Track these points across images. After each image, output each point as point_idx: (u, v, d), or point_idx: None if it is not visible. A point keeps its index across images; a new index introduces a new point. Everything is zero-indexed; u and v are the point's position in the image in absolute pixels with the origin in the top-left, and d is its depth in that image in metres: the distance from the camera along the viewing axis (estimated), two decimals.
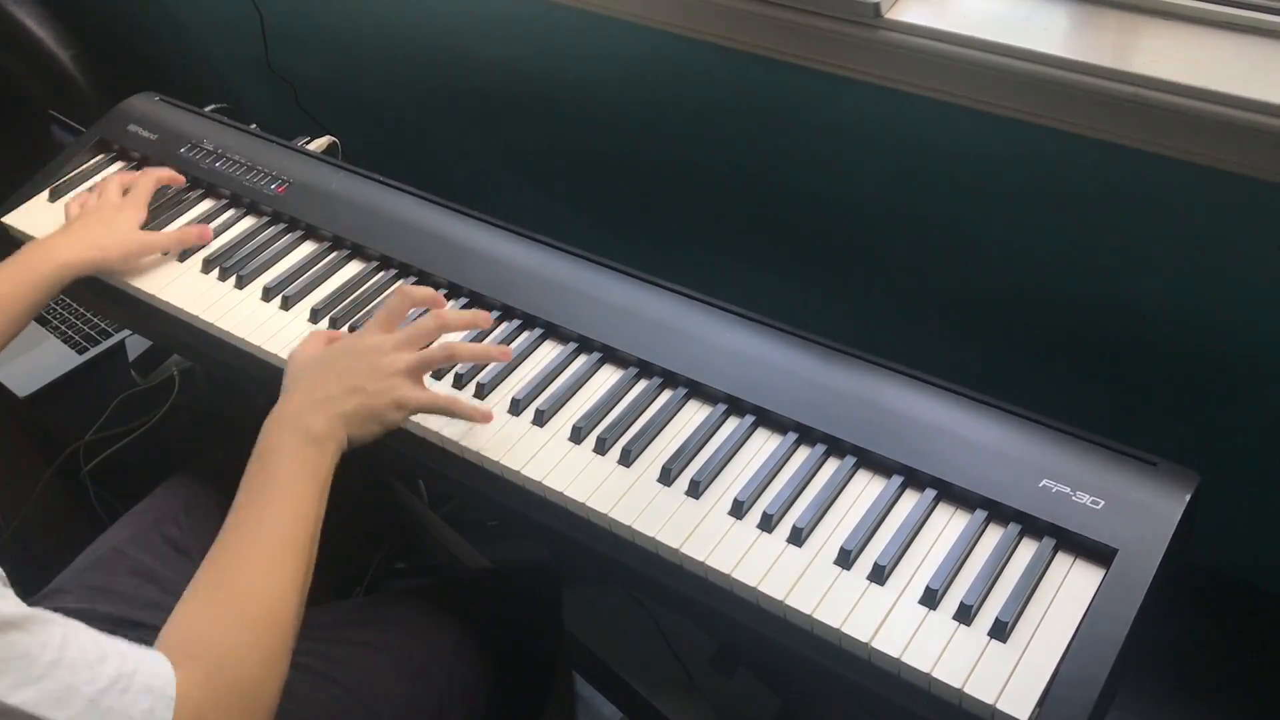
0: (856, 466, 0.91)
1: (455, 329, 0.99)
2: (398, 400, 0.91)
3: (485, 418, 0.95)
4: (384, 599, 1.17)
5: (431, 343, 0.97)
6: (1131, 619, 0.77)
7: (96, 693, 0.64)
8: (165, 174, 1.26)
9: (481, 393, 1.01)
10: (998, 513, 0.86)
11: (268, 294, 1.14)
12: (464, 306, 1.09)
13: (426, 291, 1.01)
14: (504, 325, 1.08)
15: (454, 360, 0.98)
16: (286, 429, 0.87)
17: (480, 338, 1.05)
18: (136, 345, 1.61)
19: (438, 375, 1.03)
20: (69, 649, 0.65)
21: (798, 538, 0.86)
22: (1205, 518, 0.86)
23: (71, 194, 1.30)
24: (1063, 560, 0.83)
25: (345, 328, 1.10)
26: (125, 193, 1.22)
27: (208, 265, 1.19)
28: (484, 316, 1.00)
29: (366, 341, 0.94)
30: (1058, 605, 0.80)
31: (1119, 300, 1.16)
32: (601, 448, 0.95)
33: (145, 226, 1.20)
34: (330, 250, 1.19)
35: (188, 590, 0.77)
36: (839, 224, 1.34)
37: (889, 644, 0.79)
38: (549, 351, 1.05)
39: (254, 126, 1.37)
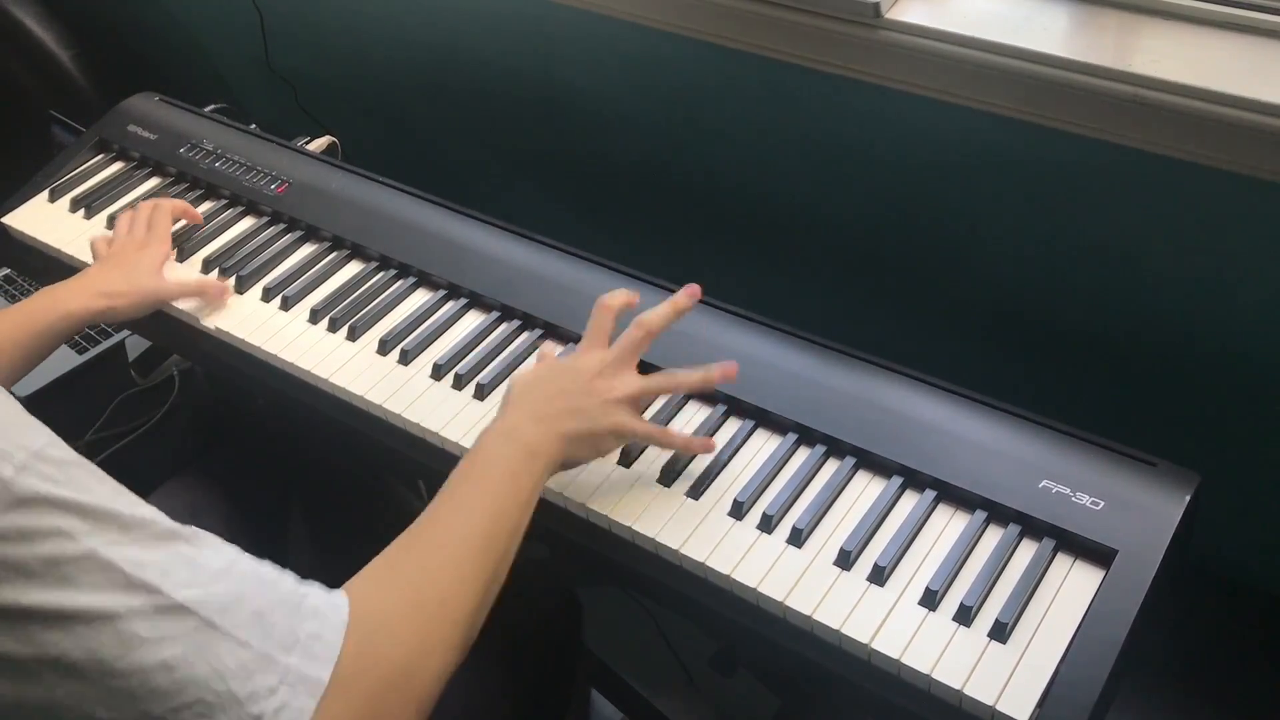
0: (856, 467, 0.91)
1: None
2: (615, 427, 0.89)
3: (706, 448, 0.92)
4: None
5: (645, 350, 0.94)
6: (1131, 619, 0.77)
7: (264, 606, 0.63)
8: (181, 206, 1.23)
9: (481, 393, 1.01)
10: (998, 513, 0.86)
11: (268, 294, 1.14)
12: (464, 307, 1.09)
13: (620, 295, 0.97)
14: (504, 325, 1.08)
15: (677, 391, 0.97)
16: (502, 439, 0.86)
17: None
18: (136, 345, 1.61)
19: (438, 375, 1.03)
20: (240, 564, 0.65)
21: (797, 538, 0.86)
22: (1205, 518, 0.86)
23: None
24: (1063, 561, 0.83)
25: (345, 328, 1.10)
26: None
27: (208, 265, 1.19)
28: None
29: (585, 362, 0.92)
30: (1058, 606, 0.80)
31: (1119, 300, 1.16)
32: None
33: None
34: (330, 250, 1.19)
35: (371, 563, 0.75)
36: (839, 224, 1.34)
37: (889, 645, 0.79)
38: (548, 352, 1.05)
39: (254, 126, 1.37)
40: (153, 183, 1.32)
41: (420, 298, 1.13)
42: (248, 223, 1.25)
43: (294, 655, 0.63)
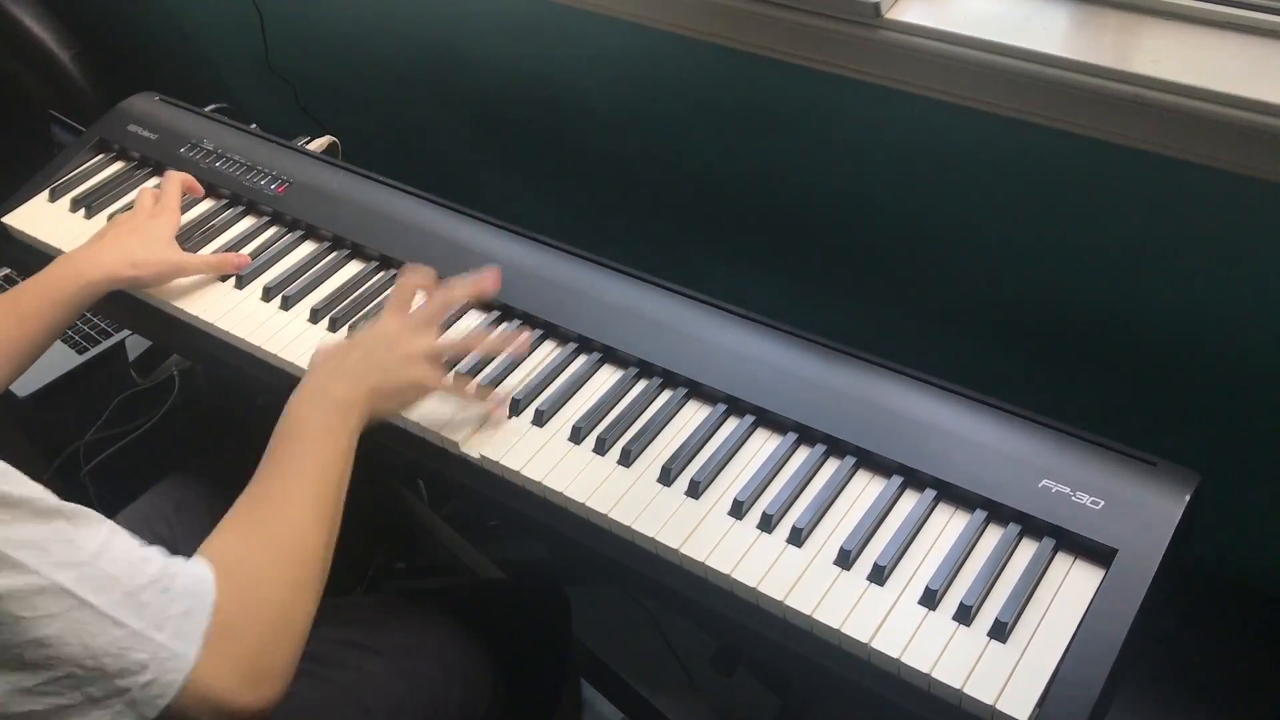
0: (856, 466, 0.91)
1: (460, 301, 1.03)
2: (415, 380, 0.96)
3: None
4: (383, 603, 1.17)
5: (443, 318, 1.01)
6: (1131, 619, 0.77)
7: (136, 587, 0.67)
8: (187, 179, 1.24)
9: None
10: (998, 513, 0.86)
11: (268, 294, 1.14)
12: (463, 306, 1.09)
13: (422, 273, 1.04)
14: (504, 325, 1.08)
15: (470, 350, 1.02)
16: (310, 399, 0.91)
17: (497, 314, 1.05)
18: (136, 345, 1.61)
19: None
20: (114, 546, 0.68)
21: (797, 538, 0.86)
22: (1205, 518, 0.86)
23: (72, 193, 1.30)
24: (1063, 560, 0.83)
25: (345, 327, 1.10)
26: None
27: None
28: (488, 281, 1.03)
29: (385, 326, 0.98)
30: (1058, 605, 0.80)
31: (1119, 300, 1.16)
32: (601, 448, 0.95)
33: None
34: (330, 250, 1.19)
35: (219, 525, 0.81)
36: (839, 224, 1.34)
37: (889, 644, 0.79)
38: (549, 351, 1.05)
39: (254, 126, 1.37)
40: (153, 183, 1.32)
41: (420, 298, 1.13)
42: (248, 223, 1.25)
43: (165, 632, 0.67)
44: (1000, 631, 0.78)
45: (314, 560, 0.81)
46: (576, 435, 0.96)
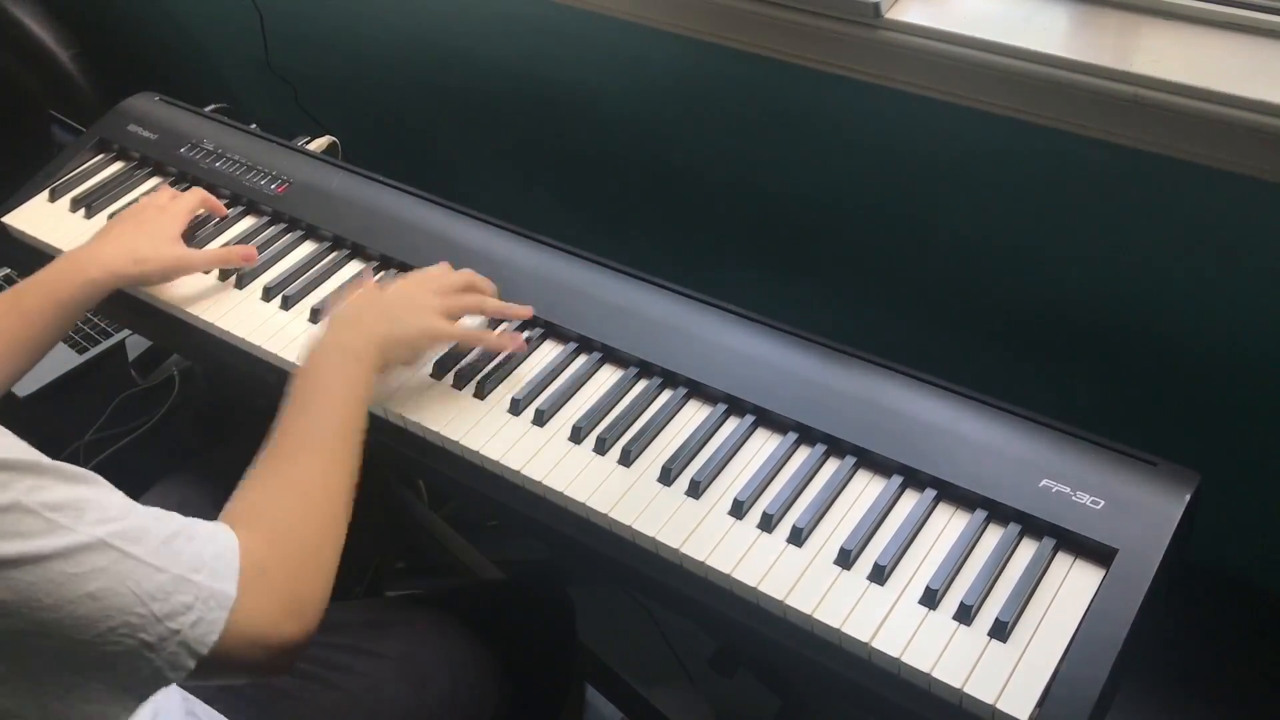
0: (856, 466, 0.91)
1: (489, 312, 1.05)
2: (428, 329, 0.99)
3: (515, 343, 1.02)
4: (388, 606, 1.17)
5: (465, 295, 1.03)
6: (1131, 619, 0.77)
7: (168, 536, 0.70)
8: (212, 199, 1.24)
9: (481, 392, 1.01)
10: (998, 513, 0.86)
11: (268, 294, 1.14)
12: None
13: (481, 280, 1.06)
14: (503, 325, 1.08)
15: (481, 311, 1.04)
16: (328, 350, 0.94)
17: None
18: (136, 345, 1.61)
19: (439, 372, 1.03)
20: (135, 505, 0.71)
21: (798, 538, 0.86)
22: (1205, 518, 0.86)
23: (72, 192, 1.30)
24: (1063, 560, 0.83)
25: None
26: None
27: None
28: (523, 311, 1.06)
29: (402, 283, 1.03)
30: (1058, 605, 0.80)
31: (1119, 300, 1.16)
32: (601, 448, 0.95)
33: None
34: (330, 250, 1.19)
35: (245, 478, 0.83)
36: (839, 223, 1.34)
37: (889, 644, 0.79)
38: (549, 351, 1.05)
39: (254, 126, 1.37)
40: (153, 182, 1.32)
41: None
42: (248, 223, 1.25)
43: (202, 575, 0.70)
44: (1000, 631, 0.78)
45: (336, 499, 0.84)
46: (577, 435, 0.96)
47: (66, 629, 0.64)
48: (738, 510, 0.89)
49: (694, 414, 0.98)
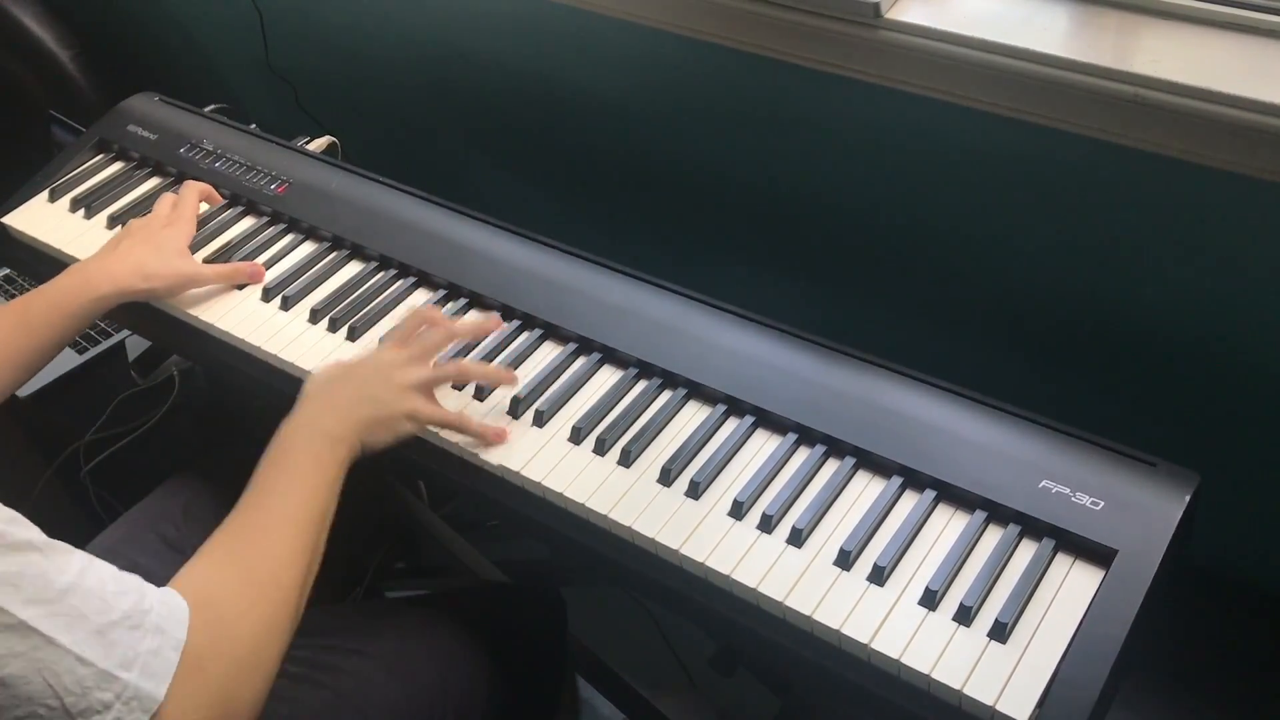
0: (856, 467, 0.91)
1: (462, 337, 1.02)
2: (409, 412, 0.95)
3: (498, 437, 0.97)
4: (379, 607, 1.17)
5: (439, 352, 0.99)
6: (1131, 619, 0.77)
7: (106, 624, 0.66)
8: (205, 189, 1.24)
9: (481, 394, 1.01)
10: (997, 513, 0.86)
11: (267, 294, 1.14)
12: (464, 307, 1.10)
13: (432, 310, 1.03)
14: (504, 325, 1.08)
15: (465, 379, 1.01)
16: (301, 430, 0.90)
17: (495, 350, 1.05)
18: (136, 345, 1.61)
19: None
20: (87, 578, 0.67)
21: (797, 538, 0.86)
22: (1205, 518, 0.86)
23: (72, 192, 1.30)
24: (1062, 561, 0.83)
25: (345, 328, 1.10)
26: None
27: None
28: (492, 322, 1.02)
29: (382, 357, 0.98)
30: (1058, 606, 0.80)
31: (1119, 300, 1.16)
32: (601, 448, 0.95)
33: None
34: (330, 250, 1.19)
35: (198, 552, 0.80)
36: (838, 224, 1.34)
37: (888, 645, 0.79)
38: (549, 352, 1.05)
39: (254, 126, 1.37)
40: (153, 183, 1.32)
41: (420, 298, 1.13)
42: (248, 223, 1.24)
43: (132, 672, 0.66)
44: (1000, 632, 0.78)
45: (290, 596, 0.80)
46: (576, 436, 0.96)
47: None
48: (737, 511, 0.89)
49: (694, 415, 0.98)
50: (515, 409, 0.99)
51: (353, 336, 1.09)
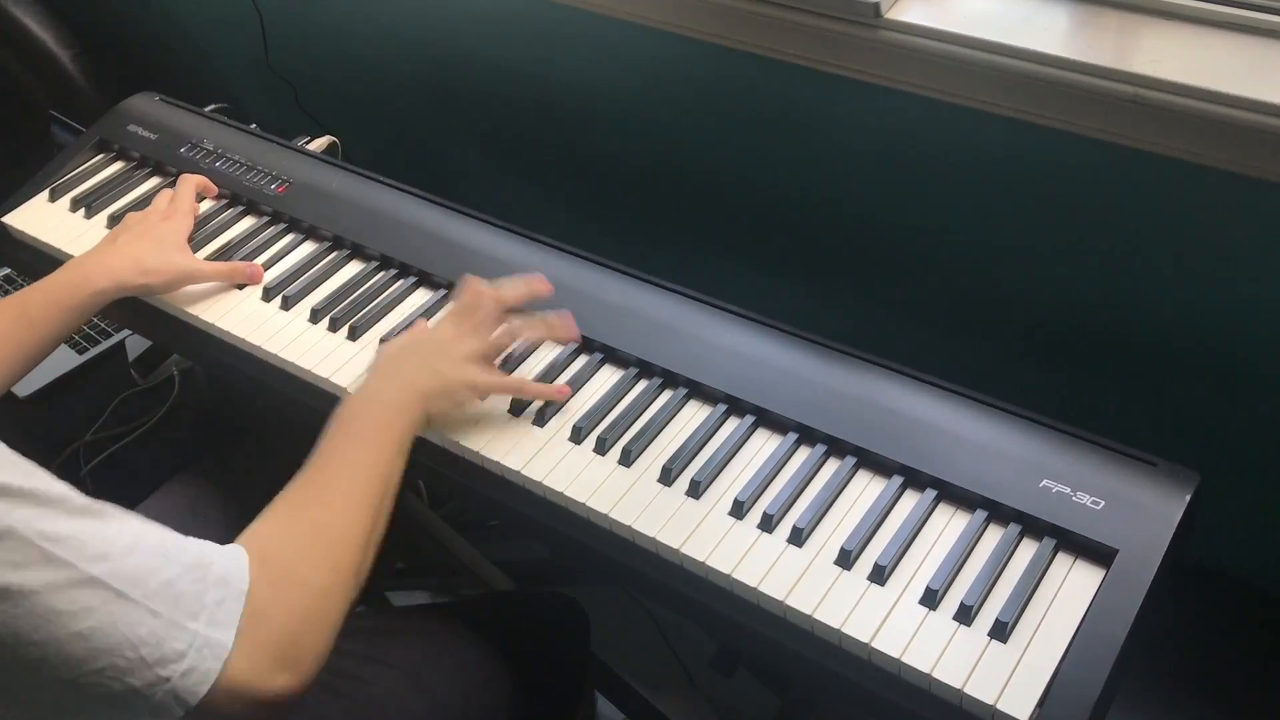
0: (857, 467, 0.91)
1: (514, 302, 1.02)
2: (468, 381, 0.97)
3: (560, 394, 0.99)
4: (400, 616, 1.16)
5: (497, 321, 1.01)
6: (1131, 619, 0.77)
7: (172, 577, 0.68)
8: (202, 180, 1.24)
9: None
10: (998, 513, 0.86)
11: (268, 294, 1.14)
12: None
13: (477, 281, 1.04)
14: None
15: (515, 338, 1.02)
16: (365, 401, 0.93)
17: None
18: (136, 345, 1.61)
19: None
20: (147, 538, 0.69)
21: (798, 538, 0.86)
22: (1205, 518, 0.86)
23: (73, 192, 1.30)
24: (1063, 560, 0.83)
25: (345, 328, 1.10)
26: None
27: None
28: (538, 282, 1.03)
29: (441, 330, 1.00)
30: (1058, 605, 0.80)
31: (1119, 300, 1.16)
32: (601, 448, 0.95)
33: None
34: (330, 250, 1.19)
35: (260, 514, 0.81)
36: (838, 223, 1.34)
37: (889, 644, 0.79)
38: (549, 352, 1.05)
39: (254, 126, 1.37)
40: (153, 182, 1.32)
41: (420, 297, 1.13)
42: (248, 223, 1.24)
43: (200, 621, 0.68)
44: (1001, 631, 0.78)
45: (354, 551, 0.82)
46: (577, 435, 0.96)
47: (53, 667, 0.62)
48: (738, 510, 0.89)
49: (694, 414, 0.98)
50: (516, 409, 0.99)
51: (353, 336, 1.09)
